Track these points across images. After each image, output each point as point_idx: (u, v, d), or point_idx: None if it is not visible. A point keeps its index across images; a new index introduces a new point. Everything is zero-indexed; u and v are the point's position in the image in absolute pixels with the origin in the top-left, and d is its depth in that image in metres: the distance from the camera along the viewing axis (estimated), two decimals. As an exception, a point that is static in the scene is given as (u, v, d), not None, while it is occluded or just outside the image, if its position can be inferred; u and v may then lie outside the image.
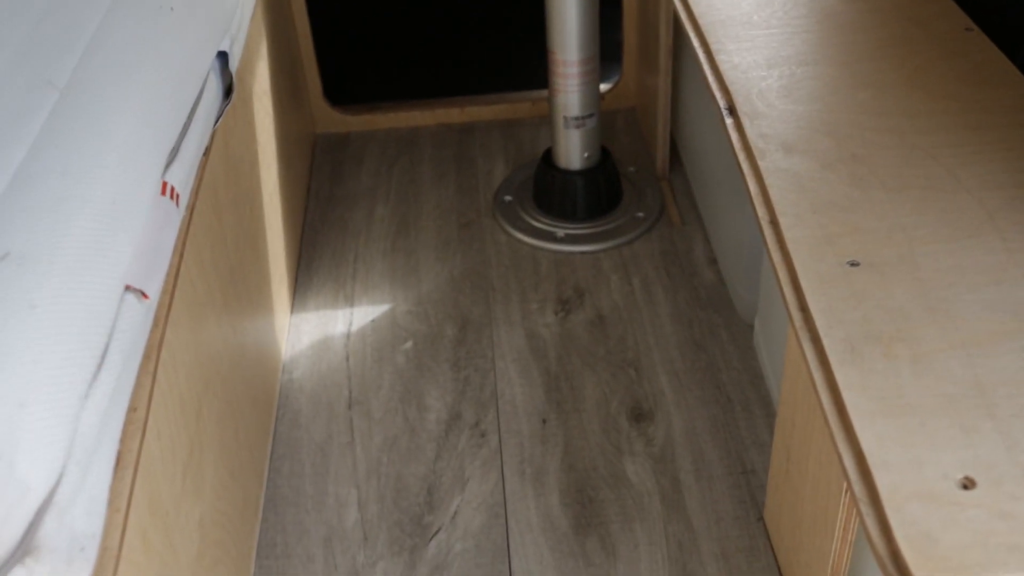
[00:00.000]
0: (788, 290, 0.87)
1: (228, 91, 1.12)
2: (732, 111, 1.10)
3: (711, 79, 1.16)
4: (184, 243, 0.98)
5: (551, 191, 1.75)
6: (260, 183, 1.45)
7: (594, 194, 1.73)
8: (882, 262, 0.87)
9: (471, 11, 2.45)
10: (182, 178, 0.92)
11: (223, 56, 1.12)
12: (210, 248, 1.12)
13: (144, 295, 0.77)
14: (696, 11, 1.29)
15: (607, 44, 1.70)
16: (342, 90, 2.06)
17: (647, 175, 1.85)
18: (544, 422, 1.40)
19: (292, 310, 1.61)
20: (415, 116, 2.05)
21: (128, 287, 0.75)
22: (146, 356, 0.83)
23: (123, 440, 0.76)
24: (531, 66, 2.01)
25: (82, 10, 0.95)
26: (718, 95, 1.13)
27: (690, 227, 1.74)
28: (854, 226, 0.91)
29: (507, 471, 1.34)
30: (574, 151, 1.71)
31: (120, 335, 0.73)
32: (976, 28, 1.19)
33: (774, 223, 0.94)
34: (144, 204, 0.79)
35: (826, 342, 0.81)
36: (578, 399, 1.43)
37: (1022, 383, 0.76)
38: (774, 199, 0.95)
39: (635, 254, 1.69)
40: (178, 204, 0.88)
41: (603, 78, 1.78)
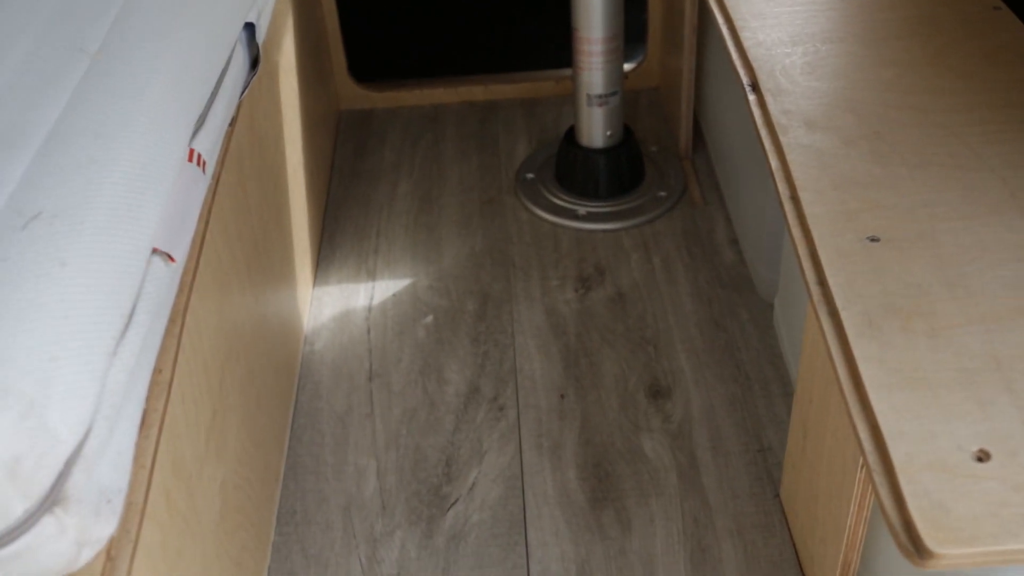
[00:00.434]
0: (807, 264, 0.88)
1: (255, 63, 1.13)
2: (755, 88, 1.10)
3: (735, 55, 1.16)
4: (210, 211, 0.99)
5: (573, 169, 1.75)
6: (284, 157, 1.46)
7: (616, 173, 1.74)
8: (902, 238, 0.88)
9: (496, -11, 2.45)
10: (208, 146, 0.93)
11: (250, 27, 1.13)
12: (235, 218, 1.13)
13: (171, 258, 0.78)
14: (721, -12, 1.28)
15: (631, 24, 1.70)
16: (367, 67, 2.07)
17: (669, 155, 1.85)
18: (562, 397, 1.41)
19: (314, 283, 1.63)
20: (439, 94, 2.05)
21: (155, 250, 0.77)
22: (172, 320, 0.85)
23: (149, 400, 0.78)
24: (555, 45, 2.01)
25: (112, -21, 0.96)
26: (741, 71, 1.13)
27: (711, 207, 1.74)
28: (875, 202, 0.92)
29: (525, 444, 1.35)
30: (597, 129, 1.71)
31: (147, 297, 0.74)
32: (1004, 7, 1.19)
33: (795, 199, 0.94)
34: (172, 169, 0.80)
35: (844, 316, 0.81)
36: (596, 375, 1.44)
37: (1039, 358, 0.76)
38: (795, 175, 0.96)
39: (656, 233, 1.69)
40: (205, 171, 0.89)
41: (627, 58, 1.78)
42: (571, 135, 1.76)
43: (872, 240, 0.88)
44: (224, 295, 1.08)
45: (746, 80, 1.12)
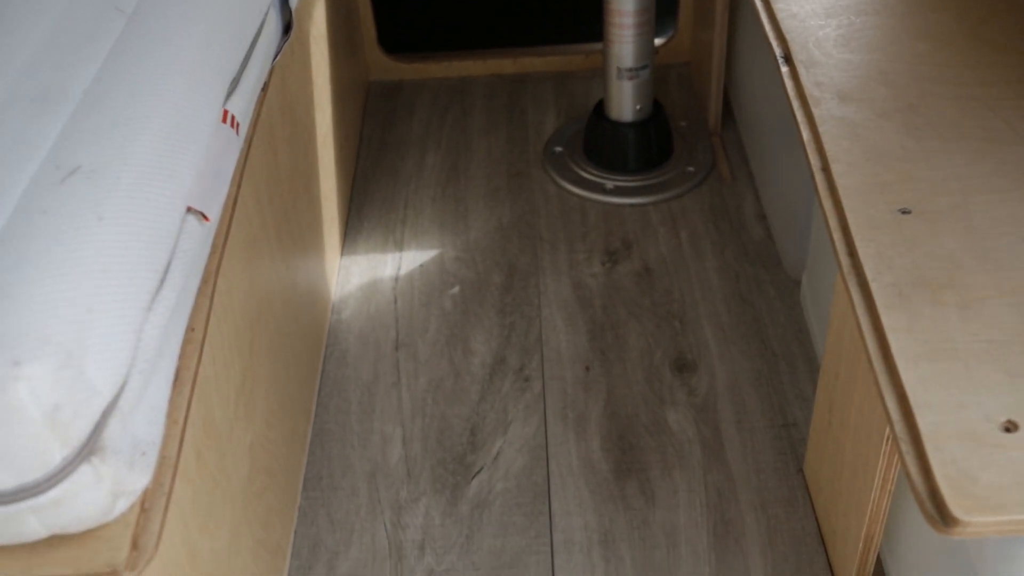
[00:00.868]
0: (837, 236, 0.88)
1: (287, 28, 1.13)
2: (788, 59, 1.09)
3: (768, 27, 1.16)
4: (242, 174, 1.00)
5: (602, 143, 1.75)
6: (315, 125, 1.46)
7: (645, 147, 1.73)
8: (934, 210, 0.87)
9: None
10: (242, 108, 0.93)
11: (283, -7, 1.13)
12: (266, 183, 1.14)
13: (205, 217, 0.79)
14: (755, -40, 1.27)
15: (663, -4, 1.69)
16: (396, 38, 2.07)
17: (699, 130, 1.84)
18: (588, 369, 1.42)
19: (342, 252, 1.64)
20: (468, 66, 2.05)
21: (190, 208, 0.77)
22: (204, 280, 0.86)
23: (181, 358, 0.79)
24: (585, 19, 2.01)
25: (148, -58, 0.96)
26: (774, 43, 1.12)
27: (740, 183, 1.73)
28: (907, 175, 0.91)
29: (549, 415, 1.36)
30: (626, 103, 1.71)
31: (181, 254, 0.75)
32: (1042, -18, 1.17)
33: (826, 170, 0.94)
34: (206, 129, 0.81)
35: (874, 287, 0.81)
36: (622, 348, 1.44)
37: (1071, 331, 0.76)
38: (827, 146, 0.95)
39: (684, 208, 1.69)
40: (238, 132, 0.90)
41: (658, 33, 1.77)
42: (600, 109, 1.76)
43: (904, 212, 0.87)
44: (255, 259, 1.09)
45: (779, 52, 1.11)
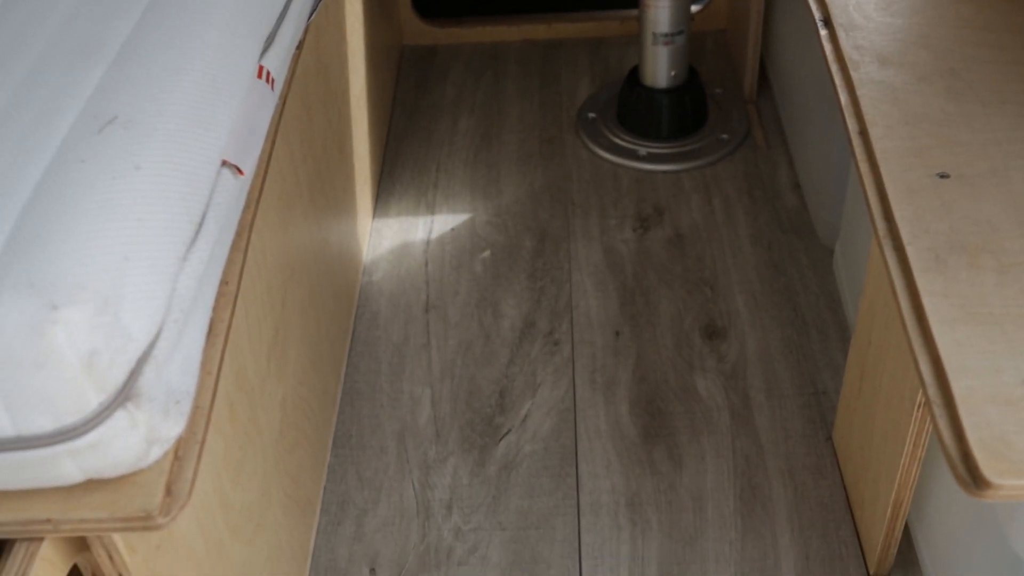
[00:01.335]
0: (874, 200, 0.87)
1: (322, -14, 1.13)
2: (827, 23, 1.08)
3: (807, -10, 1.14)
4: (276, 131, 1.00)
5: (636, 109, 1.73)
6: (348, 87, 1.46)
7: (679, 113, 1.72)
8: (973, 175, 0.86)
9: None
10: (277, 65, 0.94)
11: (319, -49, 1.13)
12: (300, 141, 1.14)
13: (239, 171, 0.79)
14: (796, -78, 1.26)
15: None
16: (431, 3, 2.06)
17: (734, 98, 1.82)
18: (617, 334, 1.42)
19: (374, 215, 1.64)
20: (501, 31, 2.04)
21: (225, 162, 0.78)
22: (239, 234, 0.86)
23: (215, 310, 0.79)
24: (621, -16, 1.99)
25: None
26: (814, 6, 1.11)
27: (774, 151, 1.72)
28: (947, 139, 0.90)
29: (578, 379, 1.36)
30: (661, 69, 1.69)
31: (216, 207, 0.76)
32: (1090, -55, 1.14)
33: (864, 134, 0.93)
34: (241, 84, 0.81)
35: (910, 250, 0.80)
36: (652, 314, 1.44)
37: (1111, 298, 0.75)
38: (865, 110, 0.94)
39: (717, 175, 1.67)
40: (273, 88, 0.90)
41: (694, -3, 1.75)
42: (635, 75, 1.74)
43: (942, 176, 0.86)
44: (288, 216, 1.09)
45: (818, 15, 1.09)
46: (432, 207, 1.65)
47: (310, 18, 1.12)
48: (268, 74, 0.89)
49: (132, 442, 0.65)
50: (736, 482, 1.23)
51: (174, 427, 0.68)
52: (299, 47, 1.10)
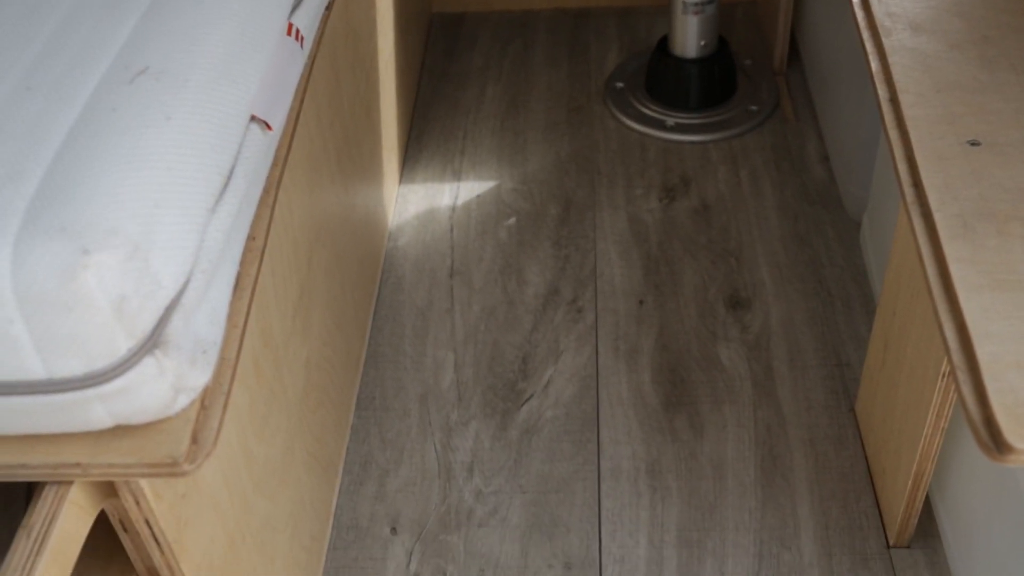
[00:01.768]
0: (903, 166, 0.86)
1: (352, -53, 1.13)
2: (860, -11, 1.06)
3: (841, -44, 1.13)
4: (305, 91, 1.01)
5: (664, 79, 1.73)
6: (377, 51, 1.47)
7: (708, 84, 1.71)
8: (1005, 143, 0.85)
9: None
10: (306, 24, 0.94)
11: (349, -88, 1.13)
12: (328, 102, 1.15)
13: (268, 126, 0.80)
14: None
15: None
16: (460, -30, 2.05)
17: (763, 69, 1.81)
18: (641, 303, 1.42)
19: (400, 180, 1.65)
20: (531, 0, 2.03)
21: (254, 117, 0.78)
22: (266, 190, 0.87)
23: (242, 265, 0.80)
24: (652, -47, 1.97)
25: None
26: (847, -28, 1.09)
27: (803, 123, 1.70)
28: (979, 107, 0.89)
29: (601, 347, 1.36)
30: (691, 38, 1.68)
31: (245, 161, 0.76)
32: None
33: (894, 101, 0.92)
34: (271, 39, 0.82)
35: (937, 217, 0.80)
36: (676, 284, 1.44)
37: None
38: (896, 77, 0.93)
39: (745, 147, 1.67)
40: (302, 46, 0.90)
41: (726, -34, 1.74)
42: (664, 44, 1.73)
43: (973, 144, 0.85)
44: (315, 178, 1.10)
45: (851, -19, 1.08)
46: (458, 174, 1.65)
47: (340, -21, 1.12)
48: (297, 31, 0.89)
49: (160, 389, 0.65)
50: (757, 451, 1.23)
51: (201, 376, 0.69)
52: (328, 8, 1.10)
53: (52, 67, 0.70)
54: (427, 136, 1.73)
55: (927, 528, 1.13)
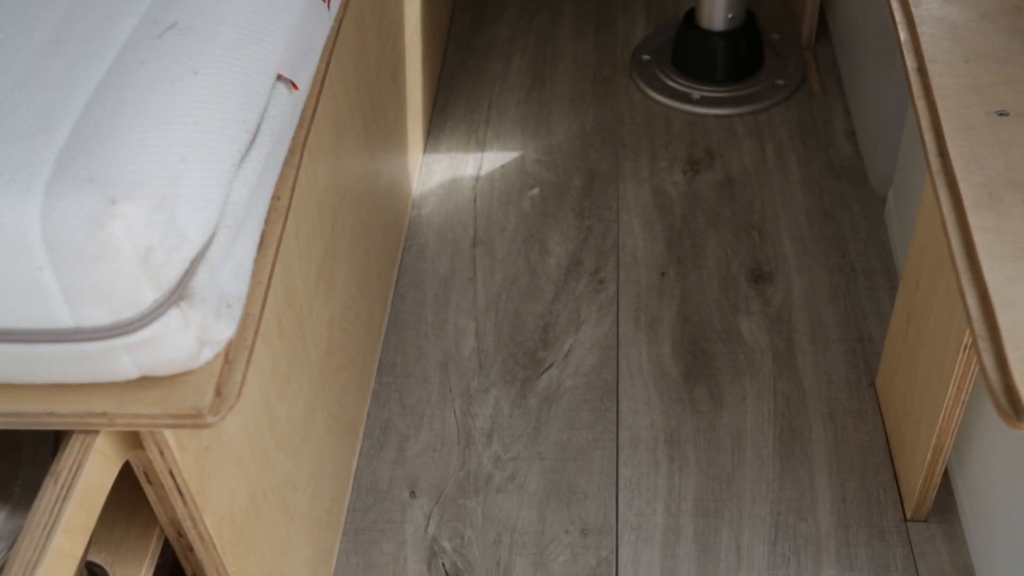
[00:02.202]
0: (929, 136, 0.86)
1: (380, -88, 1.13)
2: (890, -41, 1.05)
3: (872, -74, 1.12)
4: (331, 54, 1.01)
5: (691, 52, 1.72)
6: (403, 19, 1.47)
7: (735, 57, 1.70)
8: (1033, 113, 0.84)
9: None
10: (333, -14, 0.94)
11: None
12: (354, 67, 1.15)
13: (294, 86, 0.80)
14: None
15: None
16: (488, -60, 2.04)
17: (791, 44, 1.79)
18: (663, 275, 1.42)
19: (425, 149, 1.65)
20: (559, -29, 2.02)
21: (280, 76, 0.79)
22: (291, 151, 0.87)
23: (267, 223, 0.81)
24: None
25: None
26: (877, -58, 1.09)
27: (831, 98, 1.69)
28: (1008, 77, 0.88)
29: (622, 317, 1.36)
30: (718, 11, 1.67)
31: (271, 120, 0.77)
32: None
33: (922, 71, 0.91)
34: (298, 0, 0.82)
35: (963, 186, 0.79)
36: (699, 256, 1.44)
37: None
38: (924, 46, 0.92)
39: (771, 121, 1.66)
40: (329, 7, 0.91)
41: (756, -62, 1.72)
42: (691, 17, 1.72)
43: (1001, 114, 0.85)
44: (340, 141, 1.10)
45: (881, -49, 1.07)
46: (482, 144, 1.66)
47: (367, -57, 1.12)
48: (325, -7, 0.90)
49: (185, 341, 0.66)
50: (776, 423, 1.23)
51: (225, 330, 0.70)
52: (356, -28, 1.11)
53: (82, 21, 0.70)
54: (452, 106, 1.73)
55: (945, 502, 1.13)
